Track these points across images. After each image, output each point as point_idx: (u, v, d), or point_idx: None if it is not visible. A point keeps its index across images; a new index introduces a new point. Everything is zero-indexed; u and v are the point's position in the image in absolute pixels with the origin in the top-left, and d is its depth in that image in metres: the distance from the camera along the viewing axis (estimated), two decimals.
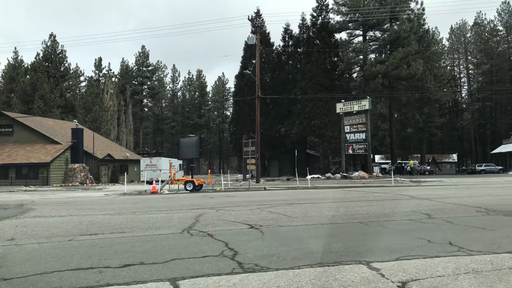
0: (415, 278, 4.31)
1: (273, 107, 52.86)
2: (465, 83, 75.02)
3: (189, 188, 23.34)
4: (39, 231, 8.11)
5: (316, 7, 51.23)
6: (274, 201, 14.20)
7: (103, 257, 5.55)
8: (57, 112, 59.18)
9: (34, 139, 41.57)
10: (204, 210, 11.52)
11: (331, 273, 4.53)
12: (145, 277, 4.54)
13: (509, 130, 61.55)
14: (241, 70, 54.32)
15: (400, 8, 45.53)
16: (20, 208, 13.54)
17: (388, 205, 11.96)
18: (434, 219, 8.72)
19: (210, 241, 6.67)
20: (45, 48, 68.93)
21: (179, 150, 26.22)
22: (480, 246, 5.85)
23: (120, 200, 17.10)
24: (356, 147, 38.95)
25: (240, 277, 4.48)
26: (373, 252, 5.56)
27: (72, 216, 10.76)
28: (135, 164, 49.93)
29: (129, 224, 8.93)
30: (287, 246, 6.07)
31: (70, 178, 39.14)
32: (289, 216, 9.63)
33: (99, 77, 79.32)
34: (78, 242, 6.81)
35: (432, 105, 53.12)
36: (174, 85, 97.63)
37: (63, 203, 15.91)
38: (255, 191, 22.03)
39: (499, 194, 15.06)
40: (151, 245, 6.37)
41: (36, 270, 4.96)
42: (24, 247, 6.47)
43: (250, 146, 38.66)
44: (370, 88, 43.90)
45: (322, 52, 46.80)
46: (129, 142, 71.76)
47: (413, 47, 43.60)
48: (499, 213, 9.49)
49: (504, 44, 70.23)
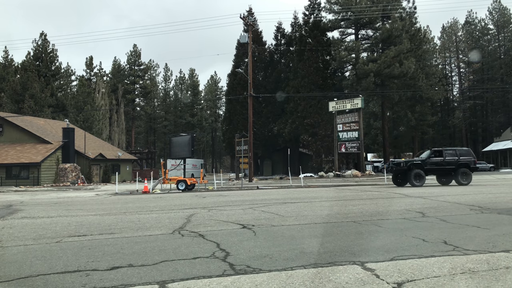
0: (410, 278, 4.21)
1: (265, 106, 52.80)
2: (457, 81, 75.43)
3: (181, 188, 23.16)
4: (26, 233, 7.92)
5: (309, 6, 51.28)
6: (267, 200, 14.09)
7: (91, 259, 5.40)
8: (48, 111, 58.59)
9: (24, 139, 41.14)
10: (196, 210, 11.38)
11: (325, 274, 4.42)
12: (134, 280, 4.40)
13: (500, 128, 61.98)
14: (234, 69, 54.17)
15: (392, 6, 45.64)
16: (8, 209, 13.29)
17: (382, 203, 11.90)
18: (428, 217, 8.65)
19: (201, 241, 6.53)
20: (36, 47, 68.23)
21: (170, 149, 25.99)
22: (475, 245, 5.77)
23: (111, 200, 16.89)
24: (349, 146, 38.98)
25: (232, 279, 4.36)
26: (367, 252, 5.47)
27: (61, 217, 10.56)
28: (127, 163, 49.64)
29: (119, 224, 8.76)
30: (280, 247, 5.95)
31: (61, 178, 38.77)
32: (282, 216, 9.52)
33: (91, 76, 78.63)
34: (66, 244, 6.64)
35: (424, 104, 53.32)
36: (166, 84, 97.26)
37: (53, 203, 15.68)
38: (248, 190, 21.91)
39: (492, 192, 15.07)
40: (140, 247, 6.23)
41: (20, 273, 4.79)
42: (9, 250, 6.29)
43: (242, 145, 38.60)
44: (362, 86, 43.95)
45: (315, 51, 46.80)
46: (121, 141, 71.31)
47: (405, 45, 43.71)
48: (493, 211, 9.45)
49: (494, 42, 70.69)
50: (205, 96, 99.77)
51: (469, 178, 20.75)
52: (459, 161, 20.98)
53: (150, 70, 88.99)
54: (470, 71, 71.24)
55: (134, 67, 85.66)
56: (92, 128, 59.73)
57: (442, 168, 21.29)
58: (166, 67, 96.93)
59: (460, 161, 20.98)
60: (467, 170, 20.88)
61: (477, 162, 22.66)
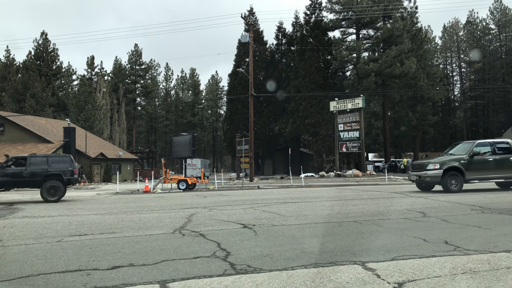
0: (411, 278, 4.21)
1: (266, 105, 52.77)
2: (458, 81, 75.35)
3: (182, 187, 23.18)
4: (27, 232, 7.93)
5: (310, 5, 51.18)
6: (268, 200, 14.08)
7: (91, 259, 5.41)
8: (49, 111, 58.61)
9: (25, 138, 41.16)
10: (196, 209, 11.38)
11: (326, 274, 4.42)
12: (134, 280, 4.40)
13: (501, 128, 61.89)
14: (235, 68, 54.10)
15: (393, 6, 45.56)
16: (9, 208, 13.31)
17: (383, 203, 11.89)
18: (429, 217, 8.64)
19: (202, 241, 6.53)
20: (37, 46, 68.27)
21: (171, 149, 26.03)
22: (476, 245, 5.77)
23: (112, 200, 16.90)
24: (349, 145, 38.92)
25: (232, 278, 4.36)
26: (368, 252, 5.46)
27: (62, 216, 10.57)
28: (128, 163, 49.65)
29: (119, 224, 8.77)
30: (281, 246, 5.95)
31: None
32: (282, 215, 9.52)
33: (92, 75, 78.72)
34: (67, 243, 6.65)
35: (425, 103, 53.23)
36: (167, 83, 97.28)
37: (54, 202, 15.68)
38: (249, 190, 21.90)
39: (493, 192, 15.04)
40: (141, 246, 6.23)
41: (21, 273, 4.80)
42: (10, 249, 6.30)
43: (243, 145, 38.60)
44: (363, 86, 43.90)
45: (316, 50, 46.74)
46: (122, 141, 71.32)
47: (406, 45, 43.63)
48: (493, 211, 9.44)
49: (496, 42, 70.58)
50: (206, 96, 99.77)
51: None
52: None
53: (151, 69, 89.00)
54: (471, 71, 71.18)
55: (135, 67, 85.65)
56: (93, 128, 59.75)
57: None
58: (167, 67, 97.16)
59: None
60: None
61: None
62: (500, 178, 15.54)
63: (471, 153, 15.32)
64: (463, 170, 15.04)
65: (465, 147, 16.18)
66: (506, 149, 15.70)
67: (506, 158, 15.40)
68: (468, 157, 15.26)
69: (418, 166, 16.61)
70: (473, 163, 15.18)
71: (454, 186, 14.87)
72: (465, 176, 15.04)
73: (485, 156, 15.42)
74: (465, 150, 15.84)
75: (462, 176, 15.03)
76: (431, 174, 15.25)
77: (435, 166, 15.23)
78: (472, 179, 15.20)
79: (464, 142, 17.44)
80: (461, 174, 15.03)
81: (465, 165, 15.12)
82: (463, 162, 15.16)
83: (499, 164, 15.32)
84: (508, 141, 16.22)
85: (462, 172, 15.05)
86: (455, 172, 15.02)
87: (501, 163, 15.32)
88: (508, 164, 15.33)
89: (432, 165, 15.40)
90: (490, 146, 15.79)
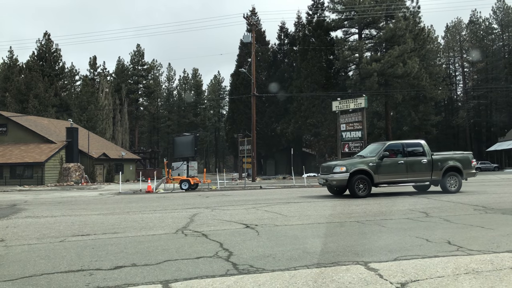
0: (414, 279, 4.20)
1: (268, 105, 52.80)
2: (460, 81, 75.15)
3: (184, 187, 23.17)
4: (30, 232, 7.95)
5: (312, 5, 51.22)
6: (270, 200, 14.08)
7: (94, 259, 5.42)
8: (51, 111, 58.79)
9: (28, 139, 41.29)
10: (199, 209, 11.39)
11: (328, 274, 4.41)
12: (137, 280, 4.41)
13: (504, 128, 61.66)
14: (237, 68, 54.18)
15: (396, 6, 45.51)
16: (12, 209, 13.35)
17: (385, 203, 11.86)
18: (432, 217, 8.62)
19: (204, 241, 6.54)
20: (40, 47, 68.46)
21: (173, 149, 26.01)
22: (479, 245, 5.75)
23: (114, 200, 16.92)
24: (352, 145, 38.83)
25: (235, 278, 4.36)
26: (370, 252, 5.45)
27: (64, 216, 10.60)
28: (130, 163, 49.72)
29: (122, 224, 8.78)
30: (283, 246, 5.95)
31: (65, 177, 38.89)
32: (285, 215, 9.51)
33: (94, 76, 78.81)
34: (70, 243, 6.66)
35: (428, 103, 53.13)
36: (170, 84, 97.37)
37: (57, 203, 15.72)
38: (251, 190, 21.90)
39: (496, 192, 14.99)
40: (144, 246, 6.24)
41: (24, 273, 4.81)
42: (13, 249, 6.31)
43: (246, 145, 38.62)
44: (365, 86, 43.85)
45: (318, 50, 46.74)
46: (124, 141, 71.38)
47: (408, 45, 43.57)
48: (496, 211, 9.41)
49: (499, 42, 70.39)
50: (209, 96, 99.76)
51: None
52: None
53: (154, 70, 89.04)
54: (474, 71, 70.93)
55: (137, 67, 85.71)
56: (96, 128, 59.86)
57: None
58: (169, 67, 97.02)
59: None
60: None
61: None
62: (411, 181, 14.82)
63: (380, 155, 14.19)
64: (372, 174, 13.86)
65: (375, 149, 15.24)
66: (419, 152, 14.77)
67: (418, 160, 14.48)
68: (378, 159, 14.12)
69: (326, 168, 15.05)
70: (382, 165, 14.05)
71: (362, 191, 13.63)
72: (374, 179, 13.92)
73: (395, 158, 14.40)
74: (375, 151, 14.82)
75: (371, 180, 13.87)
76: (337, 178, 13.94)
77: (341, 169, 13.90)
78: (381, 182, 14.13)
79: (376, 143, 16.69)
80: (370, 178, 13.85)
81: (374, 168, 13.94)
82: (372, 165, 13.98)
83: (410, 167, 14.35)
84: (421, 142, 15.26)
85: (370, 175, 13.85)
86: (363, 176, 13.79)
87: (412, 166, 14.38)
88: (419, 166, 14.43)
89: (339, 167, 14.06)
90: (401, 147, 14.83)
